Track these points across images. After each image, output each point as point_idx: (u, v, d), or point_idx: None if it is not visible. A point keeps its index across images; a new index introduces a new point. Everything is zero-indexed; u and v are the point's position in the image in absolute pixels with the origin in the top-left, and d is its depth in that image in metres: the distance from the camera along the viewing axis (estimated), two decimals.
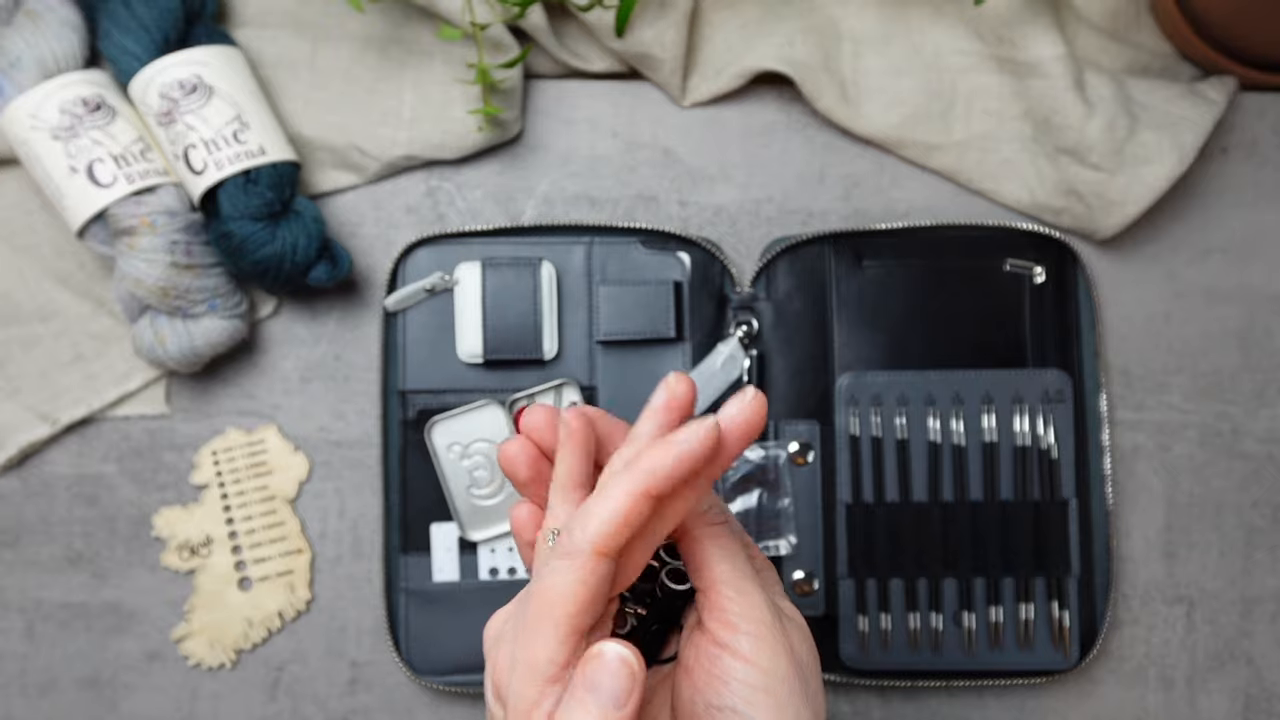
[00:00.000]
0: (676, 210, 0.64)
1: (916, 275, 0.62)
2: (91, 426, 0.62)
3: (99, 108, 0.57)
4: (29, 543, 0.62)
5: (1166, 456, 0.63)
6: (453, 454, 0.60)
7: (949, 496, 0.60)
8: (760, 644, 0.34)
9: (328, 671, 0.62)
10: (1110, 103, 0.60)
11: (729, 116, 0.65)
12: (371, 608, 0.62)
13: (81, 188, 0.56)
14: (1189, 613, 0.63)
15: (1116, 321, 0.64)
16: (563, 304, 0.62)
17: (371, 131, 0.62)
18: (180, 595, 0.62)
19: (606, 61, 0.64)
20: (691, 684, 0.35)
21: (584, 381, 0.61)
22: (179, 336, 0.58)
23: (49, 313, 0.62)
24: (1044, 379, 0.61)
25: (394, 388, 0.61)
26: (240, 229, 0.57)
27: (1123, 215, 0.60)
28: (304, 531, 0.62)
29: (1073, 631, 0.60)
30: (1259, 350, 0.64)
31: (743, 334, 0.62)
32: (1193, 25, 0.62)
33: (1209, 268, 0.64)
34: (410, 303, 0.61)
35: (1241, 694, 0.63)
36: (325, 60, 0.63)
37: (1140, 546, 0.63)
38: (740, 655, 0.34)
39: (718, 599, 0.35)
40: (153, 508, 0.62)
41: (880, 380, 0.61)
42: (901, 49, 0.63)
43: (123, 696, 0.61)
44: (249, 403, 0.63)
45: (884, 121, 0.63)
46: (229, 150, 0.57)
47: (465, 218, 0.64)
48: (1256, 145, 0.65)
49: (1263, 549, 0.63)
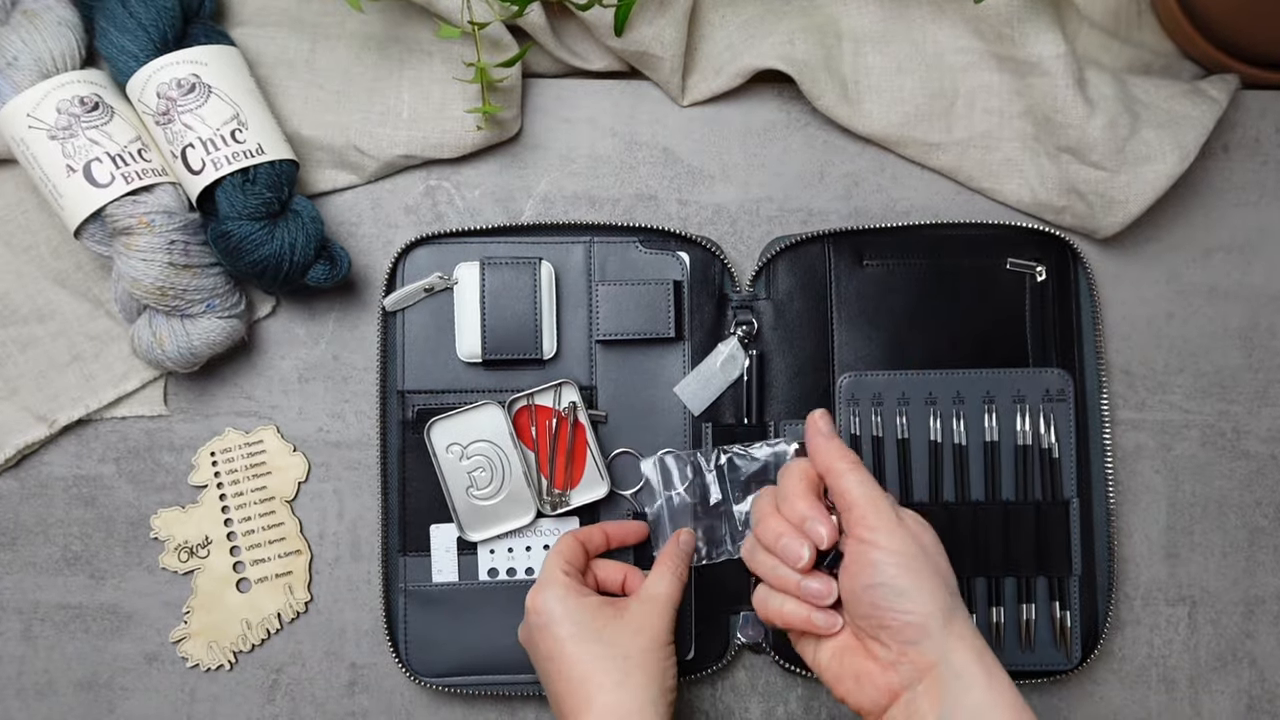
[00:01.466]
0: (676, 209, 0.64)
1: (917, 274, 0.62)
2: (89, 427, 0.62)
3: (96, 107, 0.57)
4: (27, 544, 0.62)
5: (1168, 456, 0.63)
6: (452, 454, 0.60)
7: (950, 496, 0.60)
8: (891, 535, 0.46)
9: (326, 673, 0.62)
10: (1112, 101, 0.60)
11: (729, 115, 0.64)
12: (370, 609, 0.62)
13: (79, 187, 0.56)
14: (1191, 613, 0.63)
15: (1118, 320, 0.64)
16: (562, 303, 0.62)
17: (370, 130, 0.62)
18: (178, 596, 0.61)
19: (606, 60, 0.64)
20: (851, 576, 0.47)
21: (583, 381, 0.61)
22: (177, 337, 0.58)
23: (46, 313, 0.62)
24: (1045, 378, 0.61)
25: (393, 388, 0.61)
26: (238, 229, 0.56)
27: (1124, 214, 0.60)
28: (302, 532, 0.62)
29: (1074, 632, 0.60)
30: (1261, 349, 0.64)
31: (742, 333, 0.61)
32: (1194, 23, 0.62)
33: (1211, 266, 0.64)
34: (409, 302, 0.61)
35: (1244, 695, 0.62)
36: (324, 59, 0.63)
37: (1142, 546, 0.63)
38: (878, 546, 0.46)
39: (859, 513, 0.47)
40: (151, 509, 0.62)
41: (881, 380, 0.61)
42: (902, 47, 0.63)
43: (121, 698, 0.61)
44: (247, 403, 0.62)
45: (885, 120, 0.63)
46: (227, 150, 0.56)
47: (464, 217, 0.64)
48: (1258, 143, 0.65)
49: (1265, 549, 0.63)
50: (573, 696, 0.51)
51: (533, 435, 0.61)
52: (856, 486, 0.48)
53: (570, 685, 0.51)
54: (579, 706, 0.51)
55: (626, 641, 0.52)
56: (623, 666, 0.51)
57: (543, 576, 0.55)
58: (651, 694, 0.51)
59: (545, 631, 0.53)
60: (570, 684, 0.51)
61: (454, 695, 0.61)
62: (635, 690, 0.50)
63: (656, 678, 0.51)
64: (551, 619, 0.53)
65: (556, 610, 0.53)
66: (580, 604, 0.53)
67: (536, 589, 0.55)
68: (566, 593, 0.54)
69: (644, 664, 0.51)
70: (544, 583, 0.55)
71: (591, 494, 0.61)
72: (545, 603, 0.54)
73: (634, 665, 0.51)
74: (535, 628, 0.54)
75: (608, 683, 0.50)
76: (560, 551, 0.56)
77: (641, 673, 0.51)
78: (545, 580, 0.55)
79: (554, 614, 0.53)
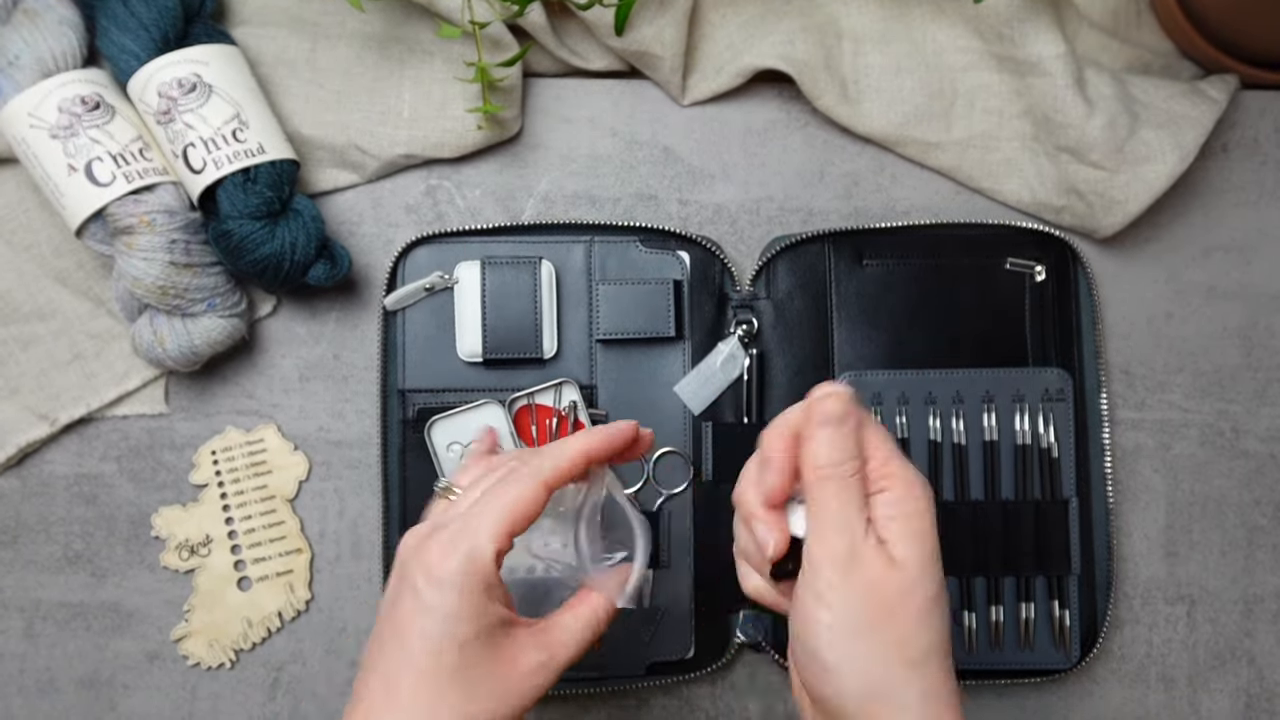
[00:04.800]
0: (676, 209, 0.64)
1: (917, 274, 0.62)
2: (90, 426, 0.62)
3: (97, 106, 0.57)
4: (28, 542, 0.62)
5: (1167, 455, 0.63)
6: (452, 453, 0.60)
7: (949, 495, 0.60)
8: (837, 590, 0.39)
9: (327, 671, 0.62)
10: (1111, 101, 0.60)
11: (729, 115, 0.65)
12: (371, 608, 0.62)
13: (80, 187, 0.56)
14: (1190, 612, 0.63)
15: (1117, 320, 0.64)
16: (562, 303, 0.62)
17: (371, 130, 0.62)
18: (179, 595, 0.62)
19: (606, 60, 0.64)
20: (792, 609, 0.41)
21: (584, 380, 0.61)
22: (178, 336, 0.58)
23: (48, 312, 0.62)
24: (1045, 377, 0.61)
25: (393, 387, 0.61)
26: (239, 228, 0.56)
27: (1123, 213, 0.60)
28: (303, 531, 0.62)
29: (1073, 631, 0.60)
30: (1260, 349, 0.64)
31: (742, 333, 0.62)
32: (1194, 23, 0.62)
33: (1210, 266, 0.64)
34: (410, 302, 0.61)
35: (1243, 693, 0.62)
36: (324, 59, 0.63)
37: (1141, 545, 0.63)
38: (821, 599, 0.39)
39: (815, 537, 0.40)
40: (152, 507, 0.62)
41: (881, 379, 0.61)
42: (902, 47, 0.63)
43: (122, 696, 0.61)
44: (248, 402, 0.63)
45: (884, 120, 0.63)
46: (228, 149, 0.56)
47: (465, 216, 0.64)
48: (1258, 143, 0.65)
49: (1264, 548, 0.63)
50: (374, 688, 0.41)
51: (533, 434, 0.61)
52: (826, 505, 0.40)
53: (376, 685, 0.41)
54: (371, 707, 0.40)
55: (484, 699, 0.40)
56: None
57: (467, 529, 0.41)
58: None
59: (418, 603, 0.40)
60: (376, 685, 0.41)
61: None
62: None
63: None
64: (442, 600, 0.40)
65: (455, 602, 0.40)
66: (485, 610, 0.40)
67: (448, 548, 0.40)
68: (484, 586, 0.40)
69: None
70: (466, 550, 0.40)
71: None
72: (448, 576, 0.40)
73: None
74: (410, 589, 0.40)
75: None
76: (513, 504, 0.41)
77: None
78: (471, 548, 0.40)
79: (448, 602, 0.40)
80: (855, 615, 0.38)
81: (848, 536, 0.39)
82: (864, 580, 0.38)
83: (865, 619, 0.38)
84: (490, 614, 0.41)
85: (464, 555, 0.40)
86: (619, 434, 0.46)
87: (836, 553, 0.39)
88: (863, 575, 0.38)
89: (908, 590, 0.39)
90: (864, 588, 0.38)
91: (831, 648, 0.38)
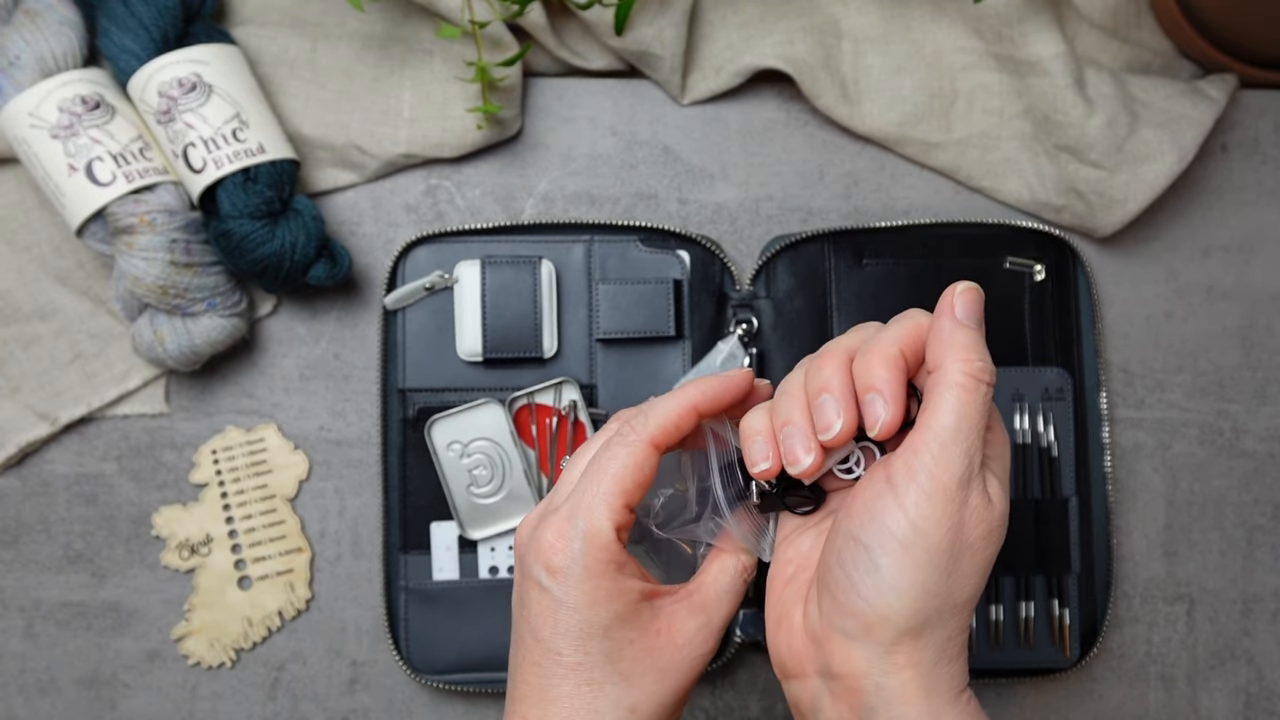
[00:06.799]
0: (676, 208, 0.64)
1: (917, 273, 0.62)
2: (91, 425, 0.62)
3: (98, 106, 0.57)
4: (28, 542, 0.62)
5: (1167, 454, 0.63)
6: (452, 453, 0.60)
7: None
8: (926, 502, 0.35)
9: (327, 671, 0.62)
10: (1110, 100, 0.60)
11: (729, 114, 0.65)
12: (371, 607, 0.62)
13: (80, 186, 0.56)
14: (1189, 611, 0.63)
15: (1117, 319, 0.64)
16: (562, 302, 0.62)
17: (371, 130, 0.62)
18: (180, 594, 0.62)
19: (606, 59, 0.64)
20: (848, 508, 0.37)
21: (583, 380, 0.61)
22: (178, 335, 0.58)
23: (48, 312, 0.62)
24: (1044, 377, 0.61)
25: (394, 386, 0.61)
26: (239, 227, 0.56)
27: (1123, 213, 0.60)
28: (304, 530, 0.62)
29: (1073, 630, 0.60)
30: (1259, 348, 0.64)
31: (742, 332, 0.62)
32: (1193, 23, 0.62)
33: (1209, 266, 0.64)
34: (410, 301, 0.61)
35: (1242, 693, 0.62)
36: (325, 58, 0.63)
37: (1141, 545, 0.63)
38: (900, 503, 0.35)
39: (921, 443, 0.35)
40: (152, 507, 0.62)
41: None
42: (902, 47, 0.63)
43: (122, 696, 0.61)
44: (248, 401, 0.63)
45: (884, 119, 0.63)
46: (228, 149, 0.57)
47: (465, 216, 0.64)
48: (1257, 143, 0.65)
49: (1263, 547, 0.63)
50: (524, 692, 0.38)
51: (533, 433, 0.61)
52: (950, 411, 0.35)
53: (529, 686, 0.38)
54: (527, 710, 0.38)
55: (644, 681, 0.37)
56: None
57: (580, 508, 0.37)
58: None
59: (547, 599, 0.37)
60: (530, 685, 0.38)
61: (455, 693, 0.61)
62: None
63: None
64: (569, 591, 0.37)
65: (586, 590, 0.36)
66: (620, 588, 0.37)
67: (562, 533, 0.37)
68: (612, 564, 0.37)
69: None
70: (582, 532, 0.37)
71: None
72: (569, 564, 0.37)
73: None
74: (534, 584, 0.38)
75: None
76: (621, 471, 0.38)
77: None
78: (587, 528, 0.37)
79: (578, 592, 0.37)
80: (932, 538, 0.35)
81: (968, 460, 0.35)
82: (964, 509, 0.35)
83: (939, 549, 0.35)
84: (628, 591, 0.37)
85: (581, 538, 0.37)
86: (731, 384, 0.41)
87: (955, 471, 0.35)
88: (967, 503, 0.35)
89: (988, 535, 0.36)
90: (959, 517, 0.35)
91: (896, 556, 0.35)
